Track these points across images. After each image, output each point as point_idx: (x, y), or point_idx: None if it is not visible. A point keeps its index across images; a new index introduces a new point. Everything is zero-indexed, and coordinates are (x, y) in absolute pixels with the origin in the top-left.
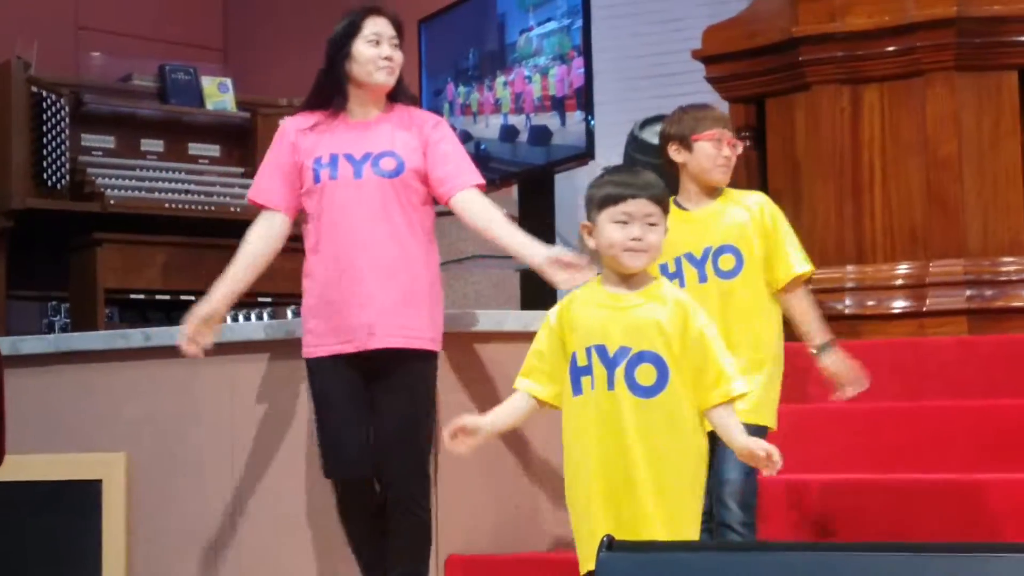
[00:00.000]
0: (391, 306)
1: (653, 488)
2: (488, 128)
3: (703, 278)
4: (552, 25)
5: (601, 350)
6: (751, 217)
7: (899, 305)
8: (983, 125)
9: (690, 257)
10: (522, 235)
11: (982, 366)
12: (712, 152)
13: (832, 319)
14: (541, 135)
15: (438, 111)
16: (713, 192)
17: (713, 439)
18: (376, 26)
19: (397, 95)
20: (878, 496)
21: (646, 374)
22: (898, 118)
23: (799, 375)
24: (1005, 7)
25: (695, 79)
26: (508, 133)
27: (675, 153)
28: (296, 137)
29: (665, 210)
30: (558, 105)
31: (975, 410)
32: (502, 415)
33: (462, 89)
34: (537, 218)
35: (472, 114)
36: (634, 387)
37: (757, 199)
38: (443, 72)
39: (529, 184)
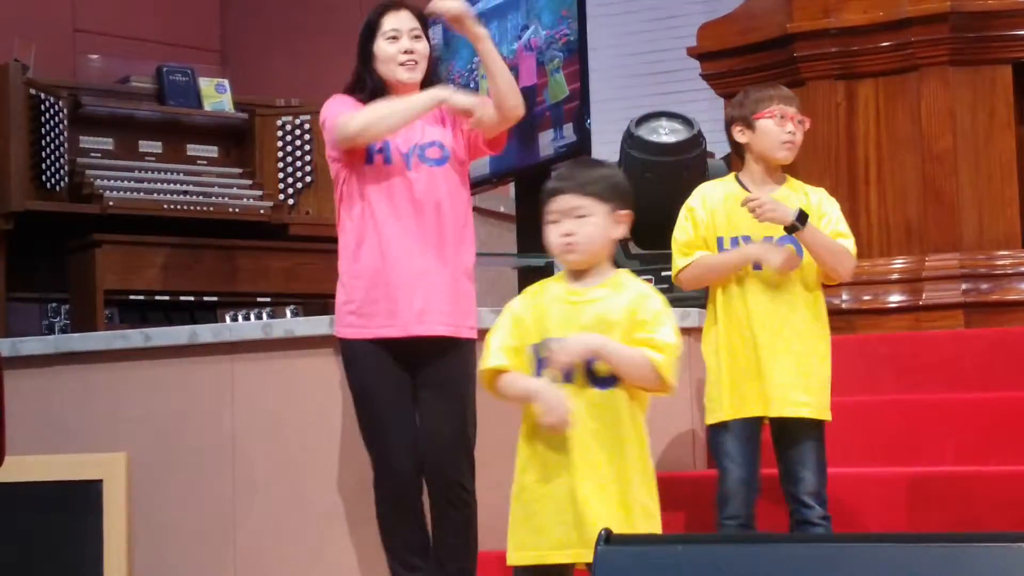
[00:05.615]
0: (440, 294)
1: (608, 477)
2: None
3: (757, 266)
4: None
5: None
6: (811, 210)
7: (895, 299)
8: (978, 119)
9: (748, 241)
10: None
11: (979, 359)
12: (775, 130)
13: (829, 314)
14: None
15: None
16: (777, 176)
17: (778, 443)
18: (394, 21)
19: (430, 86)
20: (875, 489)
21: (603, 366)
22: (893, 113)
23: None
24: (998, 1)
25: (691, 76)
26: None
27: (739, 134)
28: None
29: (603, 198)
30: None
31: (972, 403)
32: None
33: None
34: (534, 216)
35: None
36: (593, 379)
37: (818, 195)
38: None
39: (526, 182)
